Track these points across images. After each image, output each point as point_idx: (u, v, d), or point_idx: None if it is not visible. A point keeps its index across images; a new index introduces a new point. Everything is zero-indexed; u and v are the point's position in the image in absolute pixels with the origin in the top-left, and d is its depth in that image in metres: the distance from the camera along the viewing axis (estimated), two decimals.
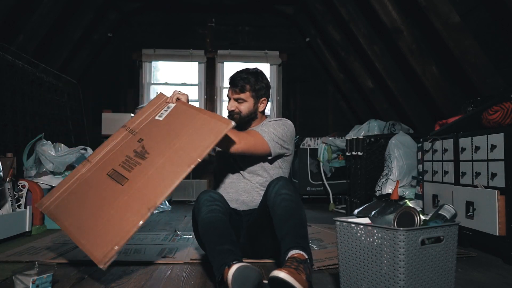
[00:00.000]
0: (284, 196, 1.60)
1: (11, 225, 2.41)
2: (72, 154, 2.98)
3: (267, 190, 1.67)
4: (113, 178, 1.61)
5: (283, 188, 1.61)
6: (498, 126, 2.04)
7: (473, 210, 2.11)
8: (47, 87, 3.91)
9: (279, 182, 1.64)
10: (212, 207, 1.63)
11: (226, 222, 1.61)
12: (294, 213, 1.57)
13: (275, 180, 1.67)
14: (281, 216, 1.56)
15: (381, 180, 3.23)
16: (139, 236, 2.55)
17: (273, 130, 1.82)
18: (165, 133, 1.68)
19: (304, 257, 1.43)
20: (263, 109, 1.95)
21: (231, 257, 1.44)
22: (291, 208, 1.57)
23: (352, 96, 5.13)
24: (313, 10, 4.53)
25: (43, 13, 3.66)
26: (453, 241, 1.32)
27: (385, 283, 1.23)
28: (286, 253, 1.46)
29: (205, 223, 1.59)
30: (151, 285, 1.55)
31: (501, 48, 2.62)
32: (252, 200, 1.88)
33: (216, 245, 1.50)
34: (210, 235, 1.56)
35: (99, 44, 5.12)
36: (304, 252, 1.45)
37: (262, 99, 1.91)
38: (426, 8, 2.85)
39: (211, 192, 1.72)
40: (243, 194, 1.89)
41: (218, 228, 1.57)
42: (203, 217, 1.61)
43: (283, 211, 1.57)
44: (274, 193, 1.61)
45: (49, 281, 1.41)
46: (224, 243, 1.50)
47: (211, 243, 1.53)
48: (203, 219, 1.60)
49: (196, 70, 5.64)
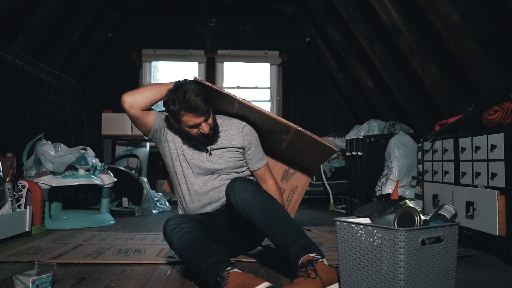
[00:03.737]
0: (252, 200, 1.58)
1: (11, 225, 2.41)
2: (72, 154, 2.98)
3: (230, 198, 1.64)
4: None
5: (245, 193, 1.60)
6: (498, 126, 2.04)
7: (473, 210, 2.11)
8: (47, 87, 3.91)
9: (236, 188, 1.62)
10: (180, 232, 1.56)
11: (200, 239, 1.55)
12: (275, 213, 1.57)
13: (232, 187, 1.64)
14: (265, 224, 1.55)
15: (381, 180, 3.23)
16: (139, 236, 2.56)
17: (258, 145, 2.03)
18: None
19: (309, 257, 1.42)
20: None
21: (222, 265, 1.40)
22: (269, 210, 1.57)
23: (352, 96, 5.13)
24: (313, 10, 4.53)
25: (43, 13, 3.66)
26: (453, 241, 1.32)
27: (385, 283, 1.23)
28: (295, 263, 1.46)
29: (180, 250, 1.55)
30: (151, 285, 1.55)
31: (501, 48, 2.62)
32: (223, 196, 1.87)
33: (200, 264, 1.45)
34: (191, 258, 1.50)
35: (99, 44, 5.13)
36: (307, 252, 1.44)
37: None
38: (426, 8, 2.85)
39: (172, 219, 1.64)
40: (214, 195, 1.89)
41: (194, 247, 1.51)
42: (176, 246, 1.56)
43: (262, 218, 1.56)
44: (241, 200, 1.60)
45: (49, 281, 1.41)
46: (208, 258, 1.45)
47: (195, 265, 1.48)
48: (178, 248, 1.55)
49: (196, 70, 5.64)
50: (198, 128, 1.79)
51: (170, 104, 1.77)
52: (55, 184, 2.90)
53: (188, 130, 1.79)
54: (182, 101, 1.72)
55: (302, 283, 1.34)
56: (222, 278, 1.35)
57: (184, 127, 1.79)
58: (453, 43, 2.81)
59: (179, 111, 1.74)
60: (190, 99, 1.71)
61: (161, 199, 4.10)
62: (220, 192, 1.89)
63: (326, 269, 1.40)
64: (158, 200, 4.04)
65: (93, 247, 2.19)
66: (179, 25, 5.51)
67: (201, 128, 1.79)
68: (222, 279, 1.34)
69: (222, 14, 5.46)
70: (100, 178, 3.16)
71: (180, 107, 1.73)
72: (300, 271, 1.39)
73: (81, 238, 2.49)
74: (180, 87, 1.76)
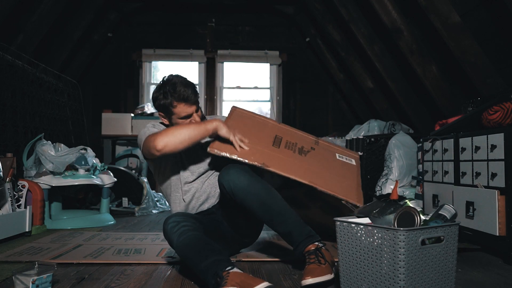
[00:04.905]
0: (249, 189, 1.63)
1: (11, 225, 2.41)
2: (72, 154, 2.98)
3: (224, 187, 1.67)
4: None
5: (240, 181, 1.63)
6: (498, 126, 2.04)
7: (473, 210, 2.11)
8: (47, 87, 3.91)
9: (231, 176, 1.65)
10: (180, 230, 1.56)
11: (200, 238, 1.55)
12: (272, 203, 1.65)
13: (225, 175, 1.67)
14: (263, 213, 1.64)
15: (381, 180, 3.23)
16: (139, 236, 2.56)
17: None
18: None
19: (315, 245, 1.60)
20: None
21: (222, 265, 1.41)
22: (266, 199, 1.64)
23: (352, 96, 5.13)
24: (313, 10, 4.53)
25: (43, 13, 3.65)
26: (454, 241, 1.32)
27: (385, 283, 1.23)
28: (298, 250, 1.63)
29: (180, 249, 1.55)
30: (151, 285, 1.55)
31: (501, 48, 2.62)
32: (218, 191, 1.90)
33: (200, 264, 1.45)
34: (191, 257, 1.50)
35: (99, 44, 5.12)
36: (311, 240, 1.62)
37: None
38: (426, 8, 2.85)
39: (172, 217, 1.64)
40: (211, 190, 1.91)
41: (194, 246, 1.51)
42: (176, 245, 1.56)
43: (260, 208, 1.64)
44: (236, 189, 1.64)
45: (49, 281, 1.41)
46: (207, 257, 1.45)
47: (194, 265, 1.49)
48: (178, 247, 1.56)
49: (196, 70, 5.64)
50: (190, 119, 1.82)
51: (161, 98, 1.81)
52: (55, 184, 2.90)
53: (180, 123, 1.81)
54: (173, 92, 1.78)
55: (318, 270, 1.50)
56: (222, 278, 1.35)
57: (176, 119, 1.82)
58: (453, 43, 2.81)
59: (171, 103, 1.79)
60: (181, 89, 1.78)
61: (161, 199, 4.10)
62: (217, 187, 1.90)
63: (327, 254, 1.60)
64: (158, 200, 4.05)
65: (93, 247, 2.19)
66: (179, 25, 5.51)
67: (193, 119, 1.82)
68: (222, 279, 1.35)
69: (222, 14, 5.46)
70: (100, 178, 3.16)
71: (173, 98, 1.78)
72: (310, 258, 1.56)
73: (81, 238, 2.49)
74: (168, 81, 1.82)
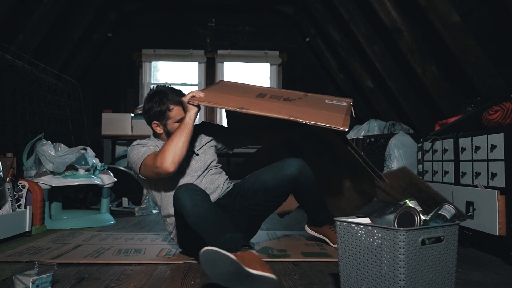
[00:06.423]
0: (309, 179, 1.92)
1: (11, 225, 2.41)
2: (72, 154, 2.98)
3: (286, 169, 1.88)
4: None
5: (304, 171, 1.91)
6: (498, 126, 2.04)
7: (473, 210, 2.11)
8: (47, 87, 3.91)
9: (296, 164, 1.89)
10: (194, 198, 1.62)
11: (216, 211, 1.63)
12: (317, 193, 2.03)
13: (290, 162, 1.91)
14: (310, 196, 2.01)
15: None
16: (139, 236, 2.56)
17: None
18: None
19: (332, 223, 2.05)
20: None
21: (240, 242, 1.48)
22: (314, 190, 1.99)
23: (352, 96, 5.12)
24: (313, 10, 4.53)
25: (43, 13, 3.66)
26: (454, 241, 1.32)
27: (385, 283, 1.23)
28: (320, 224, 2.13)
29: (193, 216, 1.60)
30: (151, 285, 1.55)
31: (501, 48, 2.62)
32: (218, 186, 1.99)
33: (218, 237, 1.51)
34: (206, 228, 1.58)
35: (99, 44, 5.12)
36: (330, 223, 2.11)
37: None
38: (426, 8, 2.85)
39: (184, 186, 1.69)
40: (209, 186, 1.96)
41: (211, 219, 1.59)
42: (189, 210, 1.61)
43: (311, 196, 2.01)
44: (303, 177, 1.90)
45: (49, 281, 1.41)
46: (225, 232, 1.52)
47: (209, 236, 1.55)
48: (191, 214, 1.61)
49: (196, 70, 5.65)
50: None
51: (156, 106, 1.89)
52: (55, 184, 2.90)
53: (176, 127, 1.87)
54: (167, 97, 1.88)
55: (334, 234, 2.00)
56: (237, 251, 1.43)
57: (172, 124, 1.90)
58: (453, 43, 2.81)
59: (168, 107, 1.88)
60: (173, 94, 1.90)
61: None
62: (213, 182, 1.99)
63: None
64: None
65: (93, 247, 2.19)
66: (179, 25, 5.51)
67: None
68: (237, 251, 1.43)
69: (222, 14, 5.46)
70: (100, 178, 3.16)
71: (169, 102, 1.88)
72: (331, 227, 2.12)
73: (81, 238, 2.49)
74: (158, 91, 1.94)
